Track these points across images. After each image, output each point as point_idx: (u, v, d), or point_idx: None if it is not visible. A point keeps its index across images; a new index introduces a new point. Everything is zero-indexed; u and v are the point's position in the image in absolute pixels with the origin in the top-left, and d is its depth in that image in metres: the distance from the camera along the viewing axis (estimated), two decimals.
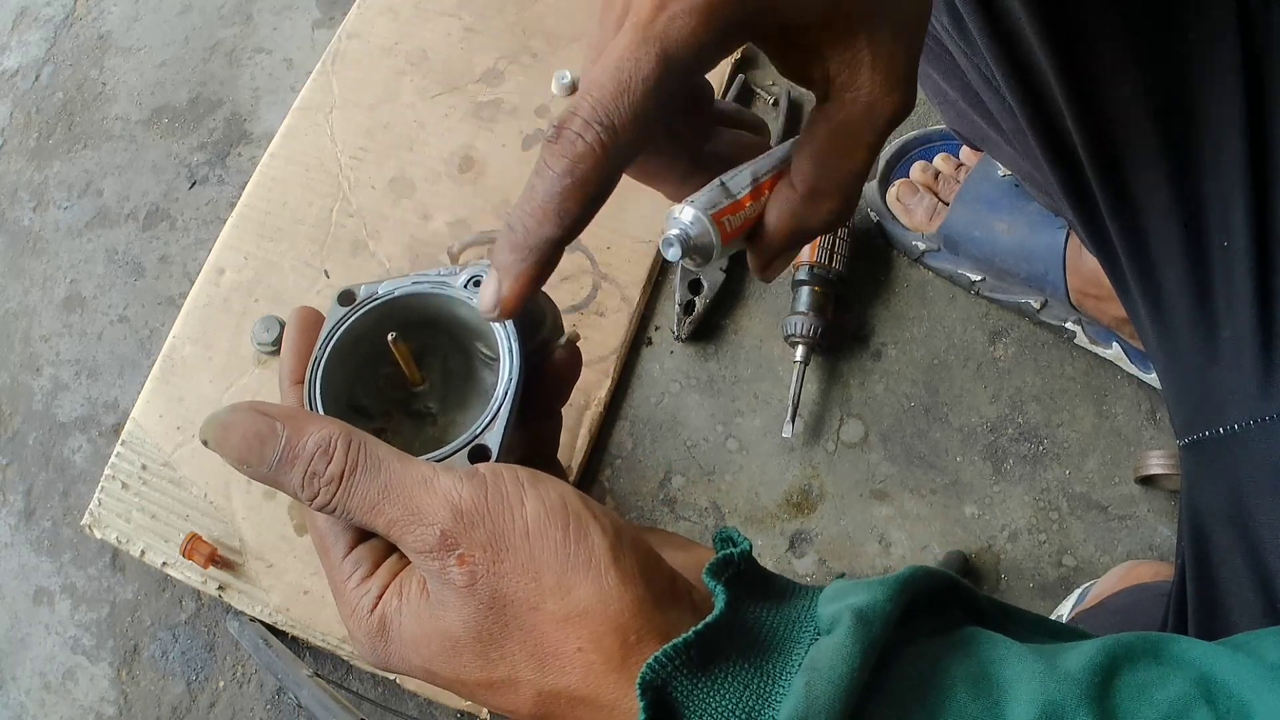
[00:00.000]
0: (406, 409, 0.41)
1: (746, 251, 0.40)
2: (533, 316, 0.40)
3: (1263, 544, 0.45)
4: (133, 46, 1.19)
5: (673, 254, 0.37)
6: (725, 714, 0.29)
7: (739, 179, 0.38)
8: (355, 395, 0.40)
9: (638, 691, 0.29)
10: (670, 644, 0.29)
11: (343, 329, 0.38)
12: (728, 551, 0.32)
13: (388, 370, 0.40)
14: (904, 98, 0.36)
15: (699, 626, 0.30)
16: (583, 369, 0.42)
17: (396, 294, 0.39)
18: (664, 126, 0.37)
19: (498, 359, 0.38)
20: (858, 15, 0.34)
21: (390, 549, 0.36)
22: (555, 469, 0.43)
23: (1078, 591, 0.89)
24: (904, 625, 0.31)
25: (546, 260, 0.34)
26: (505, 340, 0.38)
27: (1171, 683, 0.30)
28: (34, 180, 1.14)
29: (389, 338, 0.38)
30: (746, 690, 0.30)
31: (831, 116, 0.36)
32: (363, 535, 0.36)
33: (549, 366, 0.41)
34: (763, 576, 0.33)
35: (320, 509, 0.34)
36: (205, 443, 0.34)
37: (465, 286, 0.39)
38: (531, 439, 0.42)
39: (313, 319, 0.40)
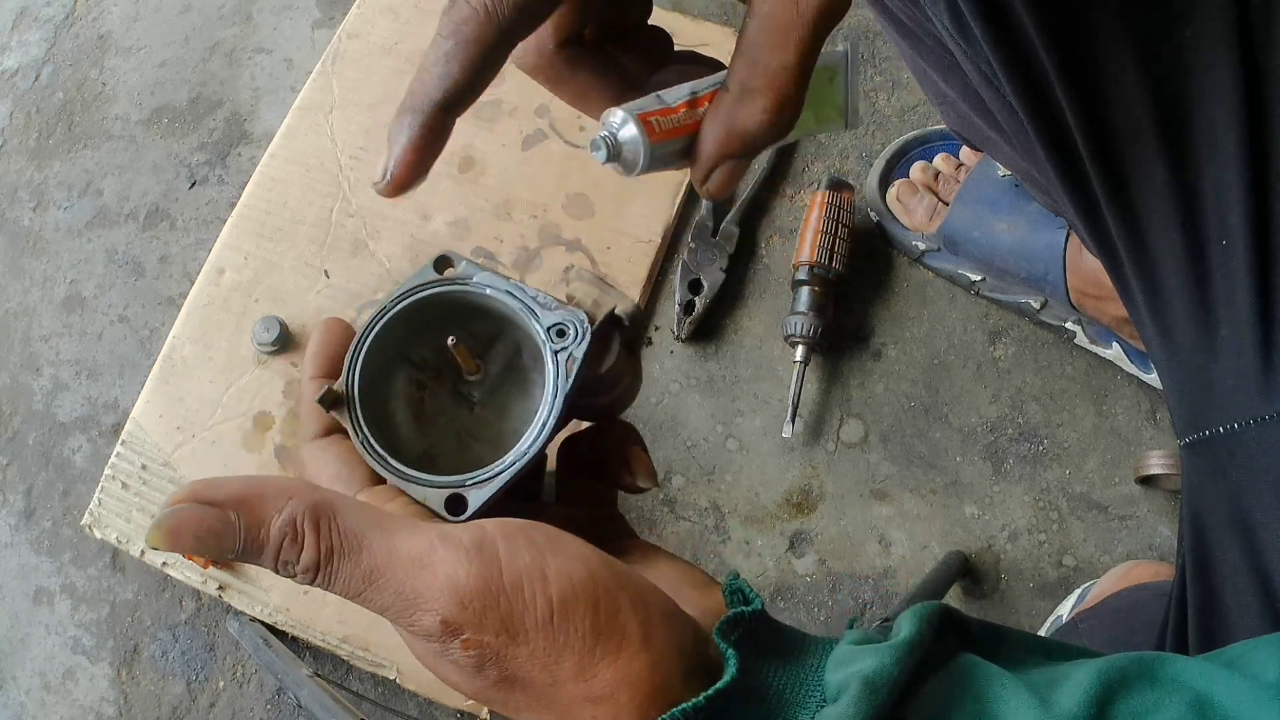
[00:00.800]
0: (455, 383, 0.40)
1: (689, 167, 0.39)
2: (604, 380, 0.38)
3: (1263, 544, 0.45)
4: (133, 46, 1.19)
5: (599, 156, 0.36)
6: None
7: (676, 91, 0.37)
8: (413, 348, 0.39)
9: None
10: (679, 709, 0.29)
11: (423, 293, 0.37)
12: (739, 610, 0.32)
13: (426, 358, 0.40)
14: None
15: (709, 692, 0.29)
16: None
17: (488, 291, 0.38)
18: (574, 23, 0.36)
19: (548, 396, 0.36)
20: None
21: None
22: (617, 526, 0.41)
23: (1078, 591, 0.89)
24: (909, 683, 0.31)
25: (434, 126, 0.34)
26: (558, 372, 0.36)
27: (1167, 707, 0.30)
28: (34, 180, 1.14)
29: (449, 341, 0.37)
30: None
31: (757, 10, 0.35)
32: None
33: (600, 435, 0.40)
34: (773, 631, 0.33)
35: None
36: (154, 549, 0.30)
37: (549, 333, 0.37)
38: (584, 493, 0.41)
39: (342, 333, 0.38)
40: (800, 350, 0.96)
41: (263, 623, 0.91)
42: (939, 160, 1.02)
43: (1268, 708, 0.29)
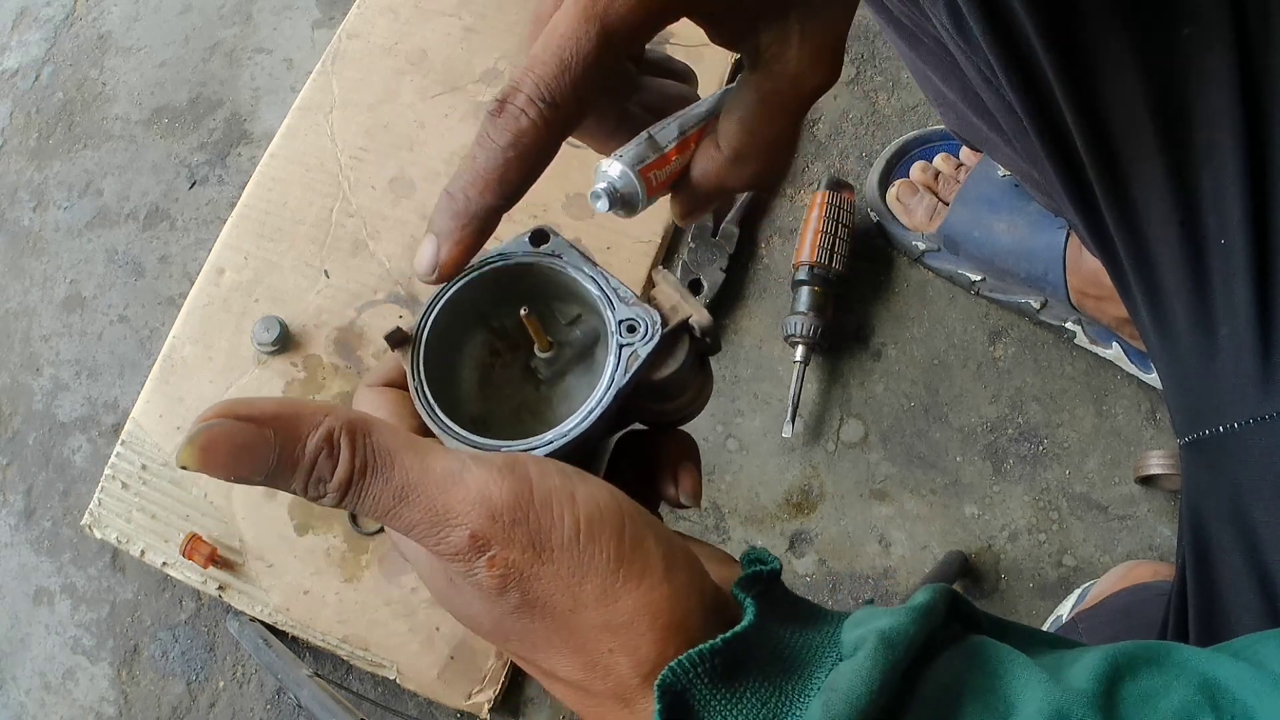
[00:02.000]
0: (528, 358, 0.40)
1: (670, 198, 0.41)
2: (668, 387, 0.38)
3: (1262, 543, 0.45)
4: (133, 46, 1.19)
5: (600, 206, 0.38)
6: None
7: (666, 132, 0.39)
8: (496, 314, 0.39)
9: (656, 693, 0.29)
10: (694, 650, 0.29)
11: (511, 261, 0.38)
12: (757, 568, 0.32)
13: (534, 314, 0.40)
14: (829, 72, 0.37)
15: (726, 635, 0.29)
16: None
17: (572, 272, 0.38)
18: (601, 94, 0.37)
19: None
20: None
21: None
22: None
23: (1078, 591, 0.89)
24: (923, 647, 0.31)
25: (485, 228, 0.35)
26: (606, 379, 0.36)
27: (1175, 690, 0.30)
28: (34, 180, 1.14)
29: (523, 312, 0.36)
30: (764, 708, 0.29)
31: (759, 86, 0.38)
32: None
33: (658, 441, 0.40)
34: (790, 599, 0.33)
35: (330, 506, 0.32)
36: (184, 467, 0.29)
37: (620, 326, 0.37)
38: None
39: (399, 372, 0.38)
40: (800, 350, 0.96)
41: (263, 623, 0.91)
42: (939, 160, 1.02)
43: (1274, 695, 0.29)
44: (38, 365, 1.06)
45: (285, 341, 0.98)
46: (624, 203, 0.38)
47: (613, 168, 0.38)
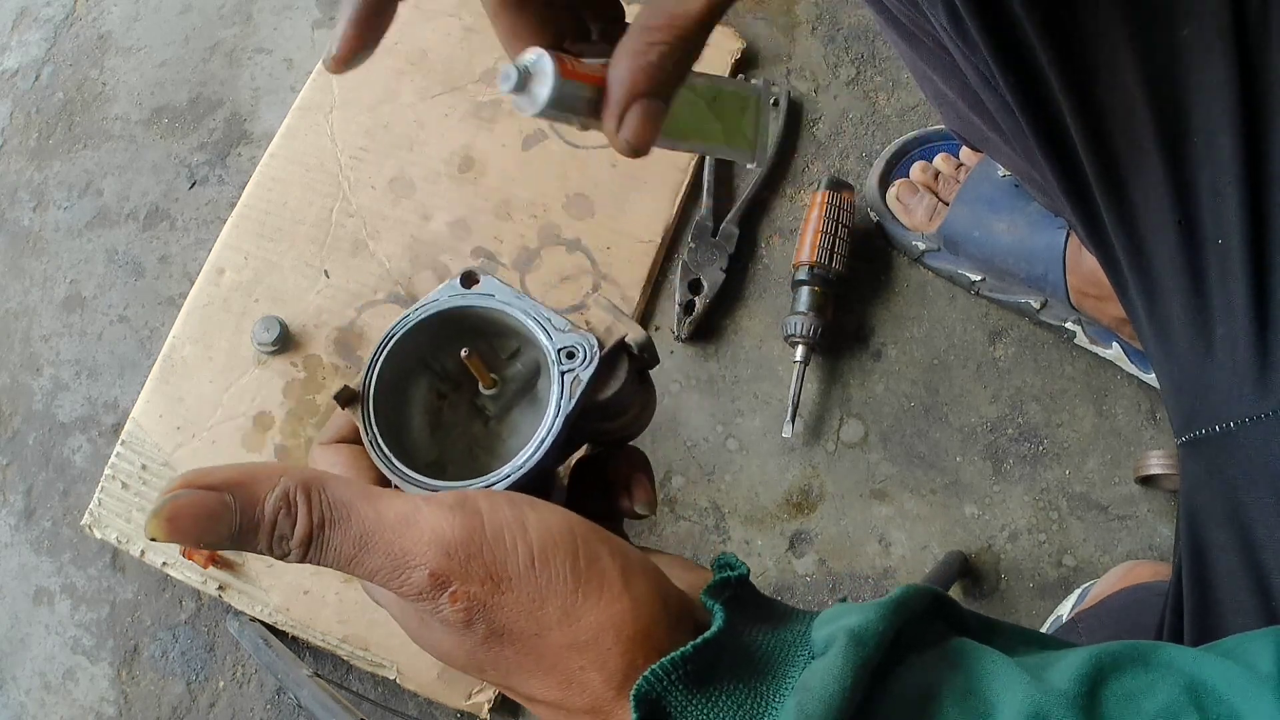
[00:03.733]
0: (473, 396, 0.41)
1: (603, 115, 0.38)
2: (612, 406, 0.39)
3: (1258, 542, 0.45)
4: (133, 46, 1.19)
5: (506, 86, 0.36)
6: None
7: (601, 57, 0.37)
8: (437, 358, 0.40)
9: (632, 703, 0.29)
10: (667, 658, 0.29)
11: (446, 305, 0.39)
12: (725, 574, 0.32)
13: (442, 374, 0.41)
14: None
15: (697, 641, 0.30)
16: None
17: (506, 309, 0.39)
18: None
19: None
20: None
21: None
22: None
23: (1078, 591, 0.89)
24: (896, 644, 0.31)
25: (374, 5, 0.35)
26: (557, 393, 0.37)
27: (1160, 690, 0.30)
28: (34, 180, 1.14)
29: (463, 353, 0.38)
30: (740, 710, 0.29)
31: None
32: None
33: (610, 459, 0.40)
34: (759, 601, 0.33)
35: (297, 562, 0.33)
36: (154, 539, 0.31)
37: (559, 354, 0.38)
38: (590, 516, 0.42)
39: (352, 428, 0.39)
40: (800, 350, 0.96)
41: (263, 623, 0.91)
42: (939, 160, 1.02)
43: (1260, 695, 0.29)
44: (38, 365, 1.06)
45: (285, 341, 0.98)
46: (531, 85, 0.36)
47: (531, 50, 0.36)
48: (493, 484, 0.36)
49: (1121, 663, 0.31)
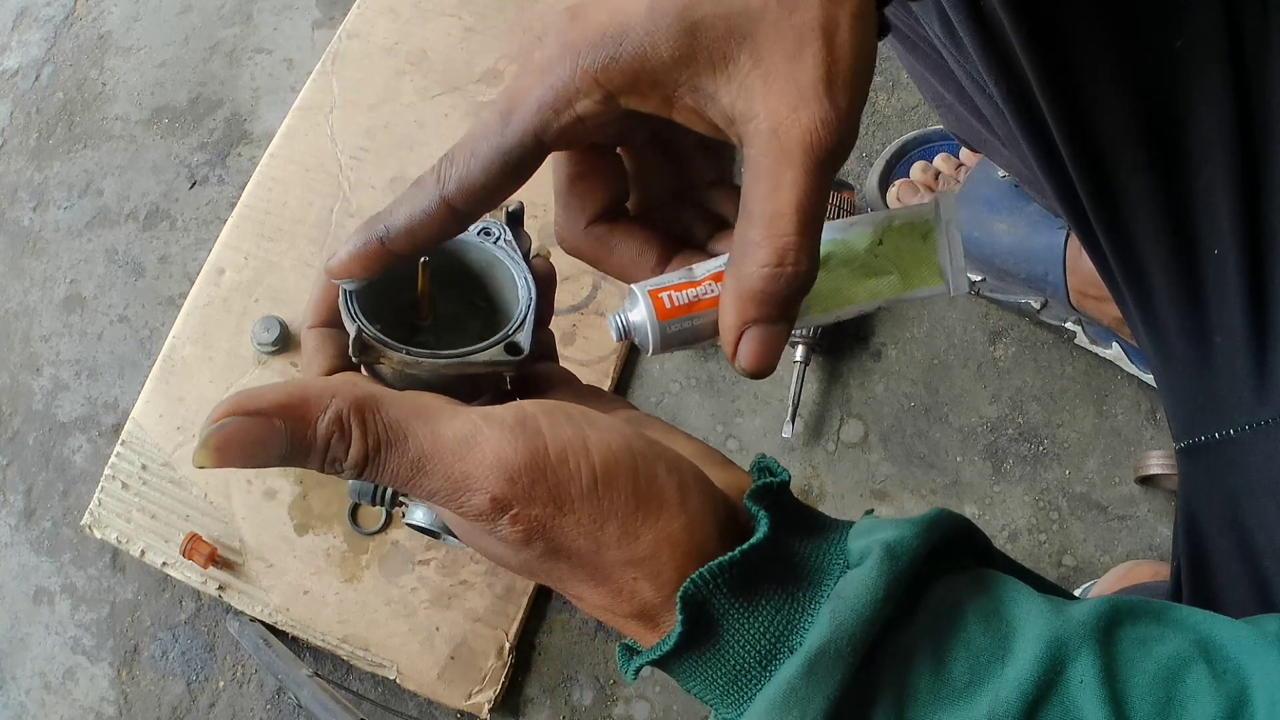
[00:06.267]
0: (408, 343, 0.41)
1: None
2: (524, 244, 0.41)
3: (1258, 547, 0.45)
4: (133, 46, 1.19)
5: (613, 335, 0.37)
6: (757, 636, 0.30)
7: (712, 261, 0.35)
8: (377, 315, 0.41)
9: (679, 604, 0.30)
10: (715, 562, 0.30)
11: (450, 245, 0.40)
12: (767, 480, 0.33)
13: (399, 304, 0.40)
14: (820, 111, 0.30)
15: (744, 547, 0.30)
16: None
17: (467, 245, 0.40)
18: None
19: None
20: (726, 34, 0.31)
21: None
22: (606, 398, 0.42)
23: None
24: (929, 562, 0.32)
25: (381, 255, 0.36)
26: (515, 259, 0.39)
27: (1171, 640, 0.31)
28: (34, 180, 1.14)
29: (420, 261, 0.37)
30: (778, 615, 0.30)
31: (746, 157, 0.32)
32: None
33: (538, 278, 0.41)
34: (798, 508, 0.34)
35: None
36: (202, 467, 0.30)
37: (477, 235, 0.39)
38: (538, 345, 0.41)
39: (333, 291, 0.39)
40: (800, 350, 0.96)
41: (263, 623, 0.91)
42: (939, 160, 1.02)
43: (1266, 653, 0.30)
44: (38, 365, 1.06)
45: (285, 341, 0.98)
46: (634, 328, 0.35)
47: (631, 291, 0.35)
48: (523, 311, 0.37)
49: (1138, 612, 0.32)
